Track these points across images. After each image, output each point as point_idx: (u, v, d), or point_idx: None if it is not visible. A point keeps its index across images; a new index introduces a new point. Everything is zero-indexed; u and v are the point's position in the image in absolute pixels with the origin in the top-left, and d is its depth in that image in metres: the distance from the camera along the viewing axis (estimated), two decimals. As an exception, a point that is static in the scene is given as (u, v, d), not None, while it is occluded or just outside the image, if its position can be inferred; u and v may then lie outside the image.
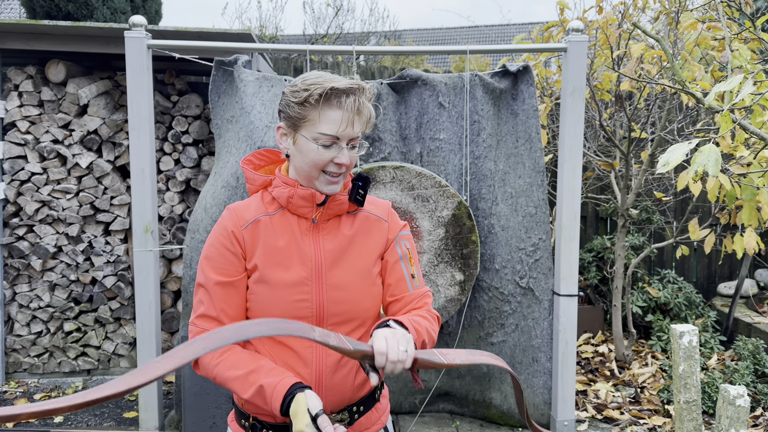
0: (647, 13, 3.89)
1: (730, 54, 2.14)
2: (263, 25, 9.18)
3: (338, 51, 3.01)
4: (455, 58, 10.54)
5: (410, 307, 1.34)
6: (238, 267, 1.28)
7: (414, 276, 1.37)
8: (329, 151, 1.23)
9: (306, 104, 1.22)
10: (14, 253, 3.66)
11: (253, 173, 1.36)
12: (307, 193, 1.27)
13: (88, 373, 3.82)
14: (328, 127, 1.21)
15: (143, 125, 2.75)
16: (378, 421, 1.38)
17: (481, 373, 3.11)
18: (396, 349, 1.09)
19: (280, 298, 1.25)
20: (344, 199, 1.31)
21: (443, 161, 2.97)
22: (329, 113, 1.21)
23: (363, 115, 1.25)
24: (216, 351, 1.21)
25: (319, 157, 1.23)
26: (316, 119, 1.22)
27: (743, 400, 1.80)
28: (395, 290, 1.36)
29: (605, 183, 4.66)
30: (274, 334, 0.94)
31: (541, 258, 3.02)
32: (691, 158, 1.71)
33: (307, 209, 1.29)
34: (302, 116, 1.23)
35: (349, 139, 1.25)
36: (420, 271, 1.41)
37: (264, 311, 1.26)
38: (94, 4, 6.19)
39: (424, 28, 19.95)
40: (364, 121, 1.26)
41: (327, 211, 1.30)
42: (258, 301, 1.27)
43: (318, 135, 1.22)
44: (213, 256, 1.29)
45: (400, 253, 1.38)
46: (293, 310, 1.25)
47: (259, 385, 1.17)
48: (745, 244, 3.04)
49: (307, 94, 1.21)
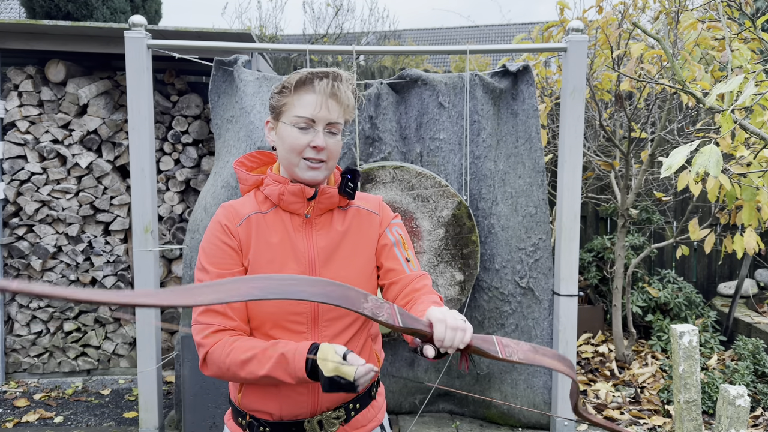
0: (647, 13, 3.89)
1: (730, 54, 2.14)
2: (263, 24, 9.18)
3: (338, 51, 3.01)
4: (455, 58, 10.54)
5: (410, 288, 1.32)
6: (236, 260, 1.29)
7: (409, 260, 1.37)
8: (306, 134, 1.26)
9: (284, 91, 1.28)
10: (14, 253, 3.66)
11: (245, 173, 1.37)
12: (297, 188, 1.28)
13: (87, 373, 3.82)
14: (303, 109, 1.25)
15: (143, 125, 2.75)
16: (374, 419, 1.38)
17: (481, 374, 3.11)
18: (454, 317, 1.09)
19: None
20: (334, 192, 1.31)
21: (443, 161, 2.97)
22: (304, 97, 1.26)
23: (340, 100, 1.27)
24: (226, 343, 1.22)
25: (295, 140, 1.26)
26: (293, 104, 1.27)
27: (743, 400, 1.80)
28: (392, 273, 1.35)
29: (605, 183, 4.66)
30: (318, 301, 0.94)
31: (541, 258, 3.02)
32: (691, 159, 1.71)
33: (299, 205, 1.30)
34: (281, 103, 1.29)
35: (327, 123, 1.26)
36: (415, 256, 1.41)
37: (261, 306, 1.27)
38: (94, 4, 6.19)
39: (424, 28, 19.94)
40: (342, 106, 1.28)
41: (318, 205, 1.31)
42: None
43: (294, 118, 1.26)
44: (211, 251, 1.29)
45: (393, 239, 1.38)
46: (288, 306, 1.26)
47: (280, 353, 1.17)
48: (745, 244, 3.04)
49: (286, 82, 1.28)
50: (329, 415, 1.30)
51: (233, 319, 1.26)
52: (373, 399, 1.39)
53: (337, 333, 1.30)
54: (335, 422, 1.30)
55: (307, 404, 1.28)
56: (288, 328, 1.27)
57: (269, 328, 1.28)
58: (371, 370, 1.10)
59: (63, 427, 3.19)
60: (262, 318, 1.28)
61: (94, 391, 3.67)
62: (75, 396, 3.58)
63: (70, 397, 3.56)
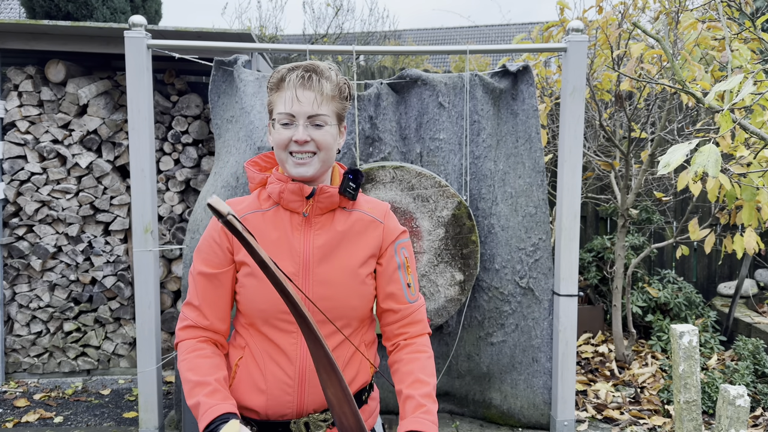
0: (647, 13, 3.89)
1: (730, 54, 2.14)
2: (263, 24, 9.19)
3: (338, 51, 3.01)
4: (455, 58, 10.54)
5: (404, 322, 1.37)
6: (222, 260, 1.30)
7: (410, 285, 1.39)
8: (288, 129, 1.27)
9: (269, 91, 1.32)
10: (14, 253, 3.66)
11: (253, 172, 1.39)
12: (296, 186, 1.29)
13: (87, 373, 3.82)
14: (282, 106, 1.27)
15: (143, 125, 2.75)
16: (365, 423, 1.38)
17: (481, 374, 3.11)
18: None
19: (268, 291, 1.26)
20: (333, 192, 1.31)
21: (443, 161, 2.97)
22: (282, 94, 1.28)
23: (315, 90, 1.26)
24: (188, 347, 1.29)
25: (279, 136, 1.28)
26: (275, 102, 1.30)
27: (743, 400, 1.80)
28: (391, 300, 1.37)
29: (605, 183, 4.66)
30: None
31: (541, 258, 3.02)
32: (691, 158, 1.71)
33: (298, 203, 1.30)
34: (269, 103, 1.33)
35: (307, 116, 1.26)
36: (416, 278, 1.43)
37: (252, 303, 1.29)
38: (94, 4, 6.19)
39: (424, 28, 19.94)
40: (320, 96, 1.27)
41: (317, 204, 1.31)
42: (246, 294, 1.29)
43: (277, 115, 1.28)
44: (202, 247, 1.33)
45: (398, 261, 1.38)
46: (279, 304, 1.26)
47: (197, 401, 1.20)
48: (745, 244, 3.04)
49: (268, 82, 1.32)
50: (316, 417, 1.30)
51: (206, 318, 1.31)
52: (364, 403, 1.39)
53: (327, 335, 1.30)
54: (322, 425, 1.30)
55: (292, 404, 1.28)
56: (279, 327, 1.28)
57: (261, 325, 1.29)
58: None
59: (63, 427, 3.19)
60: (253, 315, 1.29)
61: (94, 391, 3.67)
62: (75, 396, 3.58)
63: (70, 397, 3.56)
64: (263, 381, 1.28)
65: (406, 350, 1.35)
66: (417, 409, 1.23)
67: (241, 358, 1.32)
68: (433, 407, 1.24)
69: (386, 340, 1.41)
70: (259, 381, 1.29)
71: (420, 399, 1.24)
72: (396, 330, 1.37)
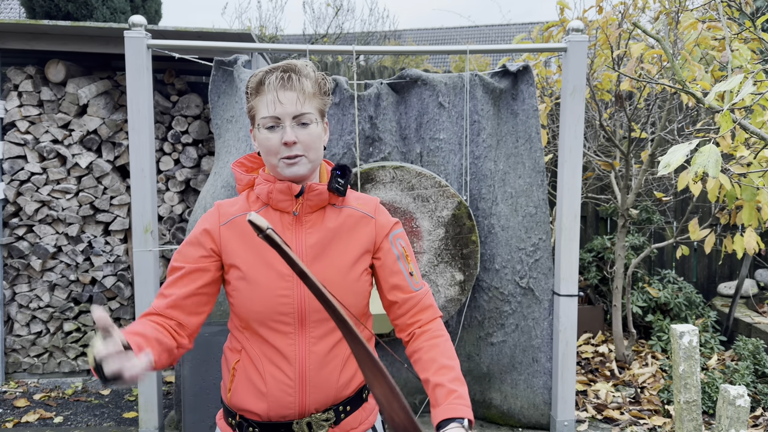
0: (647, 13, 3.89)
1: (730, 54, 2.14)
2: (263, 24, 9.19)
3: (338, 51, 3.01)
4: (455, 58, 10.54)
5: (415, 311, 1.35)
6: (194, 256, 1.30)
7: (413, 274, 1.37)
8: (275, 133, 1.25)
9: (248, 97, 1.30)
10: (14, 253, 3.66)
11: (241, 173, 1.37)
12: (284, 186, 1.28)
13: (87, 373, 3.82)
14: (265, 110, 1.25)
15: (143, 125, 2.75)
16: (365, 421, 1.38)
17: (481, 374, 3.11)
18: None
19: (262, 293, 1.26)
20: (322, 189, 1.30)
21: (443, 161, 2.97)
22: (263, 97, 1.26)
23: (296, 89, 1.25)
24: (137, 321, 1.26)
25: (268, 141, 1.26)
26: (257, 106, 1.27)
27: (743, 400, 1.80)
28: (397, 291, 1.35)
29: (605, 183, 4.66)
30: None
31: (541, 258, 3.02)
32: (691, 158, 1.71)
33: (287, 202, 1.29)
34: (250, 108, 1.30)
35: (292, 117, 1.25)
36: (417, 267, 1.42)
37: (246, 306, 1.28)
38: (94, 4, 6.19)
39: (424, 28, 19.93)
40: (302, 95, 1.25)
41: (307, 202, 1.30)
42: (240, 297, 1.28)
43: (261, 120, 1.26)
44: (185, 242, 1.34)
45: (396, 252, 1.37)
46: (275, 306, 1.25)
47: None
48: (745, 244, 3.04)
49: (247, 87, 1.29)
50: (318, 417, 1.30)
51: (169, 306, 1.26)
52: (364, 401, 1.38)
53: (325, 334, 1.29)
54: (324, 424, 1.30)
55: (294, 405, 1.28)
56: (275, 328, 1.27)
57: (257, 326, 1.28)
58: (117, 353, 0.97)
59: (63, 427, 3.19)
60: (248, 317, 1.28)
61: (93, 391, 3.67)
62: (75, 396, 3.58)
63: (70, 397, 3.56)
64: (263, 383, 1.28)
65: (423, 338, 1.33)
66: (449, 396, 1.22)
67: (238, 361, 1.32)
68: (463, 390, 1.24)
69: (400, 332, 1.39)
70: (259, 383, 1.28)
71: (450, 385, 1.23)
72: (408, 320, 1.36)
